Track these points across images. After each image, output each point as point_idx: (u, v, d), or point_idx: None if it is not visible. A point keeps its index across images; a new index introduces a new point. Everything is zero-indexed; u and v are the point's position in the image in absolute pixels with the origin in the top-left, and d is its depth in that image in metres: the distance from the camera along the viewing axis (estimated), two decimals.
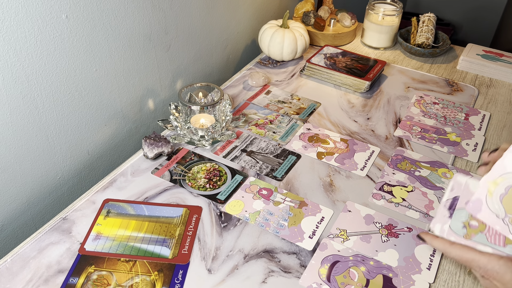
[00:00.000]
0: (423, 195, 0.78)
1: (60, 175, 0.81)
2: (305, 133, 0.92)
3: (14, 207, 0.75)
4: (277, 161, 0.84)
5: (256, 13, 1.23)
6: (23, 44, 0.65)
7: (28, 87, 0.68)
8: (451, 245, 0.56)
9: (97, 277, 0.62)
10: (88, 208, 0.73)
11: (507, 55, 1.18)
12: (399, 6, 1.23)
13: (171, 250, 0.67)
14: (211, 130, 0.85)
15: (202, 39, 1.04)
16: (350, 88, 1.06)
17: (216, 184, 0.79)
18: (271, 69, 1.14)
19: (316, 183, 0.80)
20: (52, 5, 0.66)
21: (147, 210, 0.73)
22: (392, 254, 0.68)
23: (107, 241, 0.68)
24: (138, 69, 0.88)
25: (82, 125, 0.81)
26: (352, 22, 1.28)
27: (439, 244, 0.58)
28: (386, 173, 0.82)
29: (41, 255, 0.65)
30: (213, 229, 0.71)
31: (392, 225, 0.72)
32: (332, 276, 0.64)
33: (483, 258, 0.53)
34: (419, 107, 1.01)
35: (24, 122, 0.70)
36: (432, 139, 0.91)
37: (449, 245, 0.56)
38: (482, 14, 2.48)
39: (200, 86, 0.90)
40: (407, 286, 0.63)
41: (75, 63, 0.74)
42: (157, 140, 0.83)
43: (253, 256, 0.67)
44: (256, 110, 0.98)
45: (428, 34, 1.20)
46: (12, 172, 0.72)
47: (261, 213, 0.73)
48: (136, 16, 0.82)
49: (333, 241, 0.69)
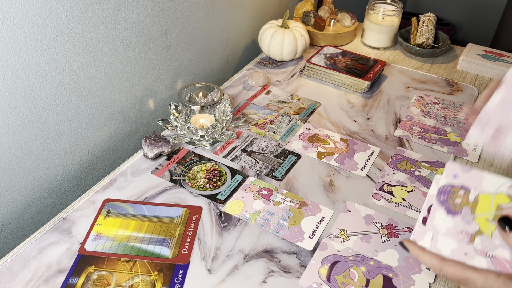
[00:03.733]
0: (423, 195, 0.78)
1: (60, 175, 0.81)
2: (305, 133, 0.92)
3: (14, 207, 0.75)
4: (277, 161, 0.84)
5: (256, 13, 1.23)
6: (23, 44, 0.65)
7: (28, 87, 0.68)
8: (442, 261, 0.50)
9: (97, 277, 0.62)
10: (88, 208, 0.73)
11: (507, 55, 1.18)
12: (399, 6, 1.23)
13: (171, 250, 0.67)
14: (211, 130, 0.85)
15: (202, 39, 1.04)
16: (350, 88, 1.06)
17: (216, 184, 0.79)
18: (271, 69, 1.14)
19: (316, 183, 0.80)
20: (52, 5, 0.66)
21: (147, 210, 0.73)
22: (392, 254, 0.68)
23: (107, 241, 0.68)
24: (138, 69, 0.88)
25: (82, 125, 0.81)
26: (352, 22, 1.28)
27: (427, 260, 0.52)
28: (386, 173, 0.82)
29: (41, 255, 0.65)
30: (213, 229, 0.71)
31: (392, 225, 0.72)
32: (332, 276, 0.64)
33: (480, 277, 0.48)
34: (419, 107, 1.01)
35: (24, 122, 0.70)
36: (432, 139, 0.91)
37: (440, 261, 0.51)
38: (482, 14, 2.48)
39: (200, 86, 0.90)
40: (407, 286, 0.63)
41: (75, 63, 0.74)
42: (157, 140, 0.83)
43: (253, 256, 0.67)
44: (256, 110, 0.98)
45: (428, 34, 1.20)
46: (12, 172, 0.72)
47: (261, 213, 0.73)
48: (136, 16, 0.82)
49: (333, 241, 0.69)
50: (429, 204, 0.55)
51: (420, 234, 0.55)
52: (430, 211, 0.55)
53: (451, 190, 0.54)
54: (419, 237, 0.55)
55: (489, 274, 0.48)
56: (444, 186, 0.55)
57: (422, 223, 0.55)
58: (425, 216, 0.56)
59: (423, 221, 0.55)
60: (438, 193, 0.55)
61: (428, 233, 0.54)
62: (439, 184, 0.55)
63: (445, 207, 0.54)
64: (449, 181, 0.54)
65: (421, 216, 0.56)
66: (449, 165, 0.55)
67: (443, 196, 0.54)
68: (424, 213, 0.56)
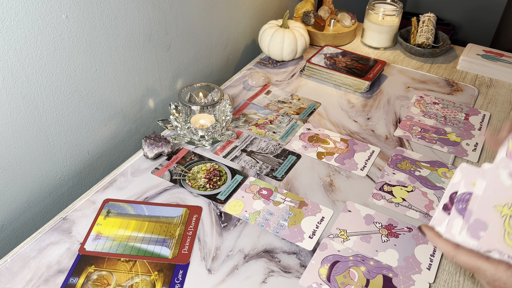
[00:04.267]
0: (423, 195, 0.78)
1: (60, 175, 0.81)
2: (305, 133, 0.92)
3: (14, 207, 0.75)
4: (277, 161, 0.84)
5: (256, 13, 1.23)
6: (23, 44, 0.65)
7: (28, 87, 0.68)
8: (456, 249, 0.52)
9: (97, 277, 0.62)
10: (88, 208, 0.73)
11: (507, 55, 1.18)
12: (399, 6, 1.23)
13: (171, 250, 0.67)
14: (211, 130, 0.85)
15: (202, 39, 1.04)
16: (350, 88, 1.06)
17: (216, 184, 0.79)
18: (271, 69, 1.14)
19: (316, 183, 0.80)
20: (52, 5, 0.66)
21: (147, 210, 0.73)
22: (392, 254, 0.68)
23: (107, 241, 0.68)
24: (138, 69, 0.88)
25: (82, 125, 0.81)
26: (352, 22, 1.28)
27: (442, 246, 0.53)
28: (386, 173, 0.82)
29: (41, 255, 0.65)
30: (213, 229, 0.71)
31: (392, 225, 0.72)
32: (332, 276, 0.64)
33: (491, 267, 0.50)
34: (419, 107, 1.01)
35: (24, 122, 0.70)
36: (432, 139, 0.91)
37: (454, 248, 0.52)
38: (482, 14, 2.48)
39: (200, 86, 0.90)
40: (407, 286, 0.63)
41: (75, 63, 0.74)
42: (157, 140, 0.83)
43: (253, 256, 0.67)
44: (256, 110, 0.98)
45: (428, 34, 1.20)
46: (12, 172, 0.72)
47: (261, 213, 0.73)
48: (136, 16, 0.82)
49: (333, 241, 0.69)
50: (452, 191, 0.54)
51: (439, 221, 0.55)
52: (449, 219, 0.54)
53: (469, 198, 0.52)
54: (438, 224, 0.55)
55: (500, 265, 0.49)
56: (464, 194, 0.53)
57: (442, 210, 0.55)
58: (446, 203, 0.54)
59: (444, 208, 0.55)
60: (457, 201, 0.53)
61: (446, 221, 0.54)
62: (459, 191, 0.53)
63: (463, 216, 0.52)
64: (468, 189, 0.53)
65: (442, 203, 0.55)
66: (466, 170, 0.53)
67: (462, 205, 0.53)
68: (445, 200, 0.55)
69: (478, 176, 0.52)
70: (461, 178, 0.54)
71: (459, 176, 0.54)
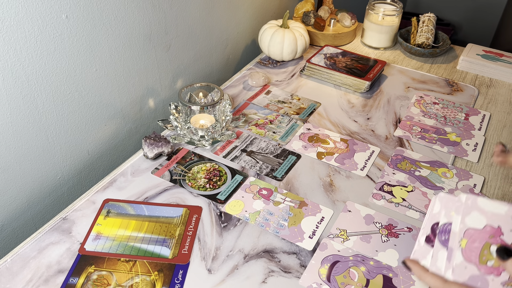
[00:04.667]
0: (423, 195, 0.78)
1: (60, 175, 0.81)
2: (305, 133, 0.92)
3: (14, 207, 0.75)
4: (277, 161, 0.84)
5: (256, 13, 1.23)
6: (23, 44, 0.65)
7: (28, 87, 0.68)
8: (445, 283, 0.50)
9: (97, 277, 0.62)
10: (88, 208, 0.73)
11: (507, 55, 1.18)
12: (399, 6, 1.23)
13: (171, 250, 0.67)
14: (211, 130, 0.85)
15: (202, 39, 1.04)
16: (350, 88, 1.06)
17: (216, 184, 0.79)
18: (271, 69, 1.14)
19: (316, 183, 0.80)
20: (52, 5, 0.66)
21: (147, 210, 0.73)
22: (392, 254, 0.68)
23: (107, 241, 0.68)
24: (138, 69, 0.88)
25: (82, 125, 0.81)
26: (352, 22, 1.28)
27: (430, 280, 0.51)
28: (386, 173, 0.82)
29: (41, 255, 0.65)
30: (213, 229, 0.71)
31: (392, 225, 0.72)
32: (332, 276, 0.64)
33: None
34: (419, 107, 1.01)
35: (24, 122, 0.70)
36: (432, 139, 0.91)
37: (443, 282, 0.50)
38: (482, 14, 2.48)
39: (200, 86, 0.90)
40: (407, 286, 0.63)
41: (75, 63, 0.74)
42: (157, 140, 0.83)
43: (253, 256, 0.67)
44: (256, 110, 0.98)
45: (428, 34, 1.20)
46: (12, 172, 0.72)
47: (261, 213, 0.73)
48: (136, 16, 0.82)
49: (333, 241, 0.69)
50: (433, 222, 0.53)
51: (423, 254, 0.53)
52: (433, 251, 0.52)
53: (451, 229, 0.51)
54: (422, 256, 0.53)
55: None
56: (445, 225, 0.52)
57: (425, 242, 0.53)
58: (428, 234, 0.53)
59: (426, 240, 0.53)
60: (440, 232, 0.52)
61: (430, 254, 0.53)
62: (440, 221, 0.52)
63: (446, 247, 0.52)
64: (449, 219, 0.52)
65: (423, 235, 0.54)
66: (445, 199, 0.52)
67: (444, 236, 0.52)
68: (427, 231, 0.54)
69: (453, 208, 0.52)
70: (440, 208, 0.53)
71: (438, 206, 0.53)
